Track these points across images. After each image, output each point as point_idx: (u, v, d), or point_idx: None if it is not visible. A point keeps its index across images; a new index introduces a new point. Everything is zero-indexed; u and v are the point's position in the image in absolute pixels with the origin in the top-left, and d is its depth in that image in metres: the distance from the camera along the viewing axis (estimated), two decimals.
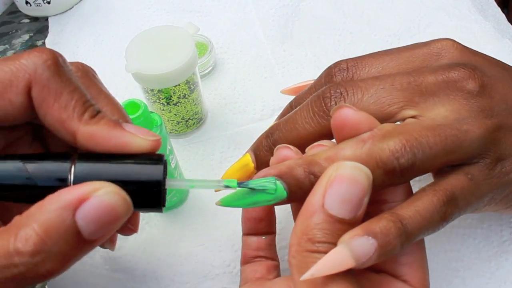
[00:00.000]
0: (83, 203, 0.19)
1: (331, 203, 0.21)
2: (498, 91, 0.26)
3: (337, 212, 0.21)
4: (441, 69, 0.26)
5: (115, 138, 0.22)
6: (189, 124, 0.42)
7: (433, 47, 0.28)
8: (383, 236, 0.21)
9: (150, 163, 0.22)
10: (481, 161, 0.24)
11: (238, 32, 0.52)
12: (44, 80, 0.21)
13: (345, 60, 0.28)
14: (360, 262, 0.20)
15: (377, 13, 0.52)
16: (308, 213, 0.21)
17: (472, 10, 0.51)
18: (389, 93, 0.25)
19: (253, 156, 0.28)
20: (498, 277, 0.33)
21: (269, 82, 0.47)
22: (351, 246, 0.20)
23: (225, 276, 0.34)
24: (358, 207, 0.21)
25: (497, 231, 0.35)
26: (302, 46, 0.50)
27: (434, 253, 0.34)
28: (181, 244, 0.36)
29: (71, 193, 0.20)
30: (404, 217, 0.22)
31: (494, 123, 0.24)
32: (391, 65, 0.27)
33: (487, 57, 0.28)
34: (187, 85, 0.39)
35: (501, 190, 0.25)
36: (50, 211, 0.19)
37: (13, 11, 0.59)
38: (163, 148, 0.33)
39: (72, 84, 0.22)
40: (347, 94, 0.25)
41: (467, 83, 0.25)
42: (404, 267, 0.23)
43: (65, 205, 0.19)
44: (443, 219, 0.23)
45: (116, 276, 0.35)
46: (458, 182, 0.24)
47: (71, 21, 0.56)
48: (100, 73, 0.49)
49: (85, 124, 0.22)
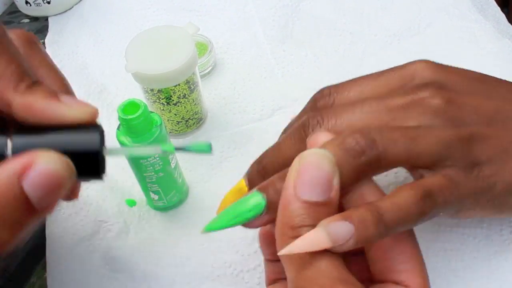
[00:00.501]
0: (28, 171, 0.20)
1: (302, 190, 0.23)
2: (469, 104, 0.27)
3: (309, 197, 0.23)
4: (410, 90, 0.28)
5: (51, 109, 0.22)
6: (189, 124, 0.42)
7: (408, 69, 0.30)
8: (360, 222, 0.22)
9: (87, 132, 0.22)
10: (456, 164, 0.26)
11: (238, 32, 0.52)
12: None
13: (328, 86, 0.31)
14: (337, 243, 0.22)
15: (377, 13, 0.52)
16: (284, 205, 0.23)
17: (472, 10, 0.51)
18: (360, 117, 0.27)
19: (246, 180, 0.30)
20: (498, 276, 0.33)
21: (269, 82, 0.47)
22: (328, 228, 0.22)
23: (226, 278, 0.34)
24: (328, 188, 0.23)
25: (497, 230, 0.35)
26: (302, 46, 0.50)
27: (434, 252, 0.34)
28: (181, 244, 0.36)
29: (15, 162, 0.20)
30: (381, 207, 0.23)
31: (464, 131, 0.26)
32: (368, 88, 0.30)
33: (464, 72, 0.30)
34: (187, 85, 0.39)
35: (482, 194, 0.26)
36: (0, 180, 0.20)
37: (13, 11, 0.59)
38: None
39: (8, 53, 0.22)
40: (323, 121, 0.28)
41: (433, 100, 0.27)
42: (403, 274, 0.24)
43: (12, 173, 0.20)
44: (421, 213, 0.24)
45: (116, 276, 0.35)
46: (436, 180, 0.25)
47: (71, 21, 0.56)
48: (100, 73, 0.49)
49: (21, 94, 0.22)
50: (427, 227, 0.35)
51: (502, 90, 0.29)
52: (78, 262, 0.36)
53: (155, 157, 0.33)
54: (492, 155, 0.27)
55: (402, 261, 0.24)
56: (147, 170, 0.33)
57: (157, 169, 0.34)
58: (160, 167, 0.34)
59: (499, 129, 0.27)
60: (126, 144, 0.32)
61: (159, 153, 0.24)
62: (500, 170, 0.27)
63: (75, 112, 0.22)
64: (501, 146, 0.27)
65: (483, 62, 0.46)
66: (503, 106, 0.28)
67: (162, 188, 0.36)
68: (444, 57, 0.47)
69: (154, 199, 0.37)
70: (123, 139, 0.32)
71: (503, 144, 0.27)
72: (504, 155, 0.27)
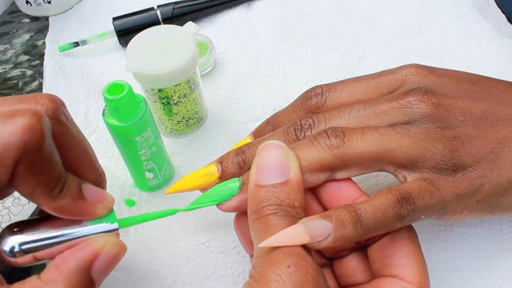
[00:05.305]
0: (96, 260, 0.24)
1: (260, 177, 0.25)
2: (457, 106, 0.28)
3: (268, 181, 0.25)
4: (398, 95, 0.29)
5: (77, 209, 0.25)
6: (190, 123, 0.42)
7: (398, 74, 0.30)
8: (337, 221, 0.24)
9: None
10: (439, 168, 0.26)
11: (238, 31, 0.52)
12: (30, 159, 0.22)
13: (320, 85, 0.32)
14: (315, 239, 0.23)
15: (377, 13, 0.52)
16: (250, 194, 0.25)
17: (473, 10, 0.51)
18: (347, 121, 0.28)
19: (219, 167, 0.30)
20: (498, 276, 0.33)
21: (269, 81, 0.47)
22: (307, 224, 0.23)
23: (227, 278, 0.34)
24: (285, 169, 0.25)
25: (497, 230, 0.35)
26: (303, 45, 0.50)
27: (434, 252, 0.34)
28: (182, 244, 0.36)
29: (85, 253, 0.24)
30: (359, 208, 0.24)
31: (449, 133, 0.27)
32: (360, 91, 0.31)
33: (455, 74, 0.30)
34: (188, 84, 0.39)
35: (469, 196, 0.27)
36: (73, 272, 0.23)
37: (13, 10, 0.59)
38: (144, 127, 0.34)
39: (52, 162, 0.24)
40: (314, 125, 0.29)
41: (420, 105, 0.27)
42: (400, 268, 0.25)
43: (84, 264, 0.23)
44: (398, 216, 0.25)
45: (118, 276, 0.35)
46: (415, 184, 0.26)
47: (72, 20, 0.56)
48: (100, 73, 0.49)
49: (53, 199, 0.24)
50: (427, 227, 0.35)
51: (493, 91, 0.29)
52: None
53: (147, 131, 0.34)
54: (477, 157, 0.27)
55: (399, 257, 0.25)
56: (142, 147, 0.34)
57: (150, 144, 0.35)
58: (153, 141, 0.35)
59: (487, 130, 0.27)
60: (114, 125, 0.32)
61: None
62: (487, 172, 0.27)
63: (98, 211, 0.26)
64: (488, 147, 0.27)
65: (483, 62, 0.46)
66: (493, 108, 0.28)
67: (156, 163, 0.37)
68: (444, 57, 0.48)
69: (149, 179, 0.37)
70: (110, 121, 0.33)
71: (490, 145, 0.27)
72: (492, 156, 0.27)
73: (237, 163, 0.29)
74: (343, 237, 0.24)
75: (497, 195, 0.27)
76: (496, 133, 0.27)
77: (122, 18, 0.51)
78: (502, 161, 0.27)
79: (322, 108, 0.31)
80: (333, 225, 0.23)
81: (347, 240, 0.24)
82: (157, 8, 0.51)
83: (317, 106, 0.31)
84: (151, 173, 0.37)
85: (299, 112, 0.31)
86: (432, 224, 0.35)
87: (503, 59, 0.46)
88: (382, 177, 0.38)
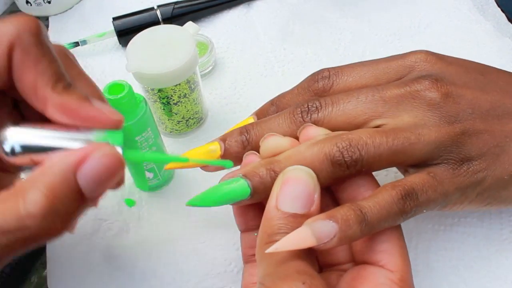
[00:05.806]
0: (83, 164, 0.21)
1: (283, 202, 0.24)
2: (465, 97, 0.27)
3: (289, 209, 0.24)
4: (407, 82, 0.28)
5: (84, 111, 0.23)
6: (190, 123, 0.42)
7: (408, 60, 0.30)
8: (343, 221, 0.23)
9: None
10: (444, 162, 0.26)
11: (238, 31, 0.52)
12: (26, 45, 0.22)
13: (328, 68, 0.31)
14: (321, 241, 0.23)
15: (377, 13, 0.52)
16: (265, 215, 0.25)
17: (472, 10, 0.51)
18: (355, 106, 0.28)
19: (222, 144, 0.29)
20: (499, 275, 0.33)
21: (269, 80, 0.47)
22: (313, 226, 0.23)
23: (226, 275, 0.34)
24: (308, 202, 0.24)
25: (497, 229, 0.35)
26: (303, 44, 0.50)
27: (434, 251, 0.34)
28: (181, 242, 0.36)
29: (72, 156, 0.21)
30: (363, 206, 0.24)
31: (458, 127, 0.26)
32: (368, 75, 0.30)
33: (465, 63, 0.30)
34: (188, 84, 0.39)
35: (471, 188, 0.27)
36: (55, 174, 0.21)
37: (13, 10, 0.59)
38: (144, 127, 0.34)
39: (51, 55, 0.23)
40: (321, 107, 0.28)
41: (429, 93, 0.27)
42: (380, 254, 0.25)
43: (68, 167, 0.21)
44: (402, 212, 0.25)
45: (117, 274, 0.35)
46: (419, 179, 0.26)
47: (72, 20, 0.56)
48: (100, 73, 0.49)
49: (58, 93, 0.23)
50: (427, 227, 0.35)
51: (501, 83, 0.29)
52: (79, 260, 0.36)
53: (147, 131, 0.34)
54: (483, 150, 0.27)
55: (382, 241, 0.25)
56: (142, 147, 0.35)
57: (150, 144, 0.35)
58: (153, 141, 0.35)
59: (494, 123, 0.27)
60: None
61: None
62: (491, 165, 0.27)
63: (105, 117, 0.23)
64: (494, 141, 0.27)
65: (483, 62, 0.46)
66: (500, 100, 0.28)
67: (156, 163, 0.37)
68: None
69: (149, 179, 0.37)
70: None
71: (496, 139, 0.27)
72: (497, 150, 0.27)
73: (241, 142, 0.29)
74: (348, 237, 0.23)
75: (498, 188, 0.27)
76: (503, 126, 0.27)
77: (122, 18, 0.51)
78: (506, 155, 0.27)
79: (329, 91, 0.30)
80: (338, 226, 0.23)
81: (352, 240, 0.24)
82: (157, 8, 0.51)
83: (324, 90, 0.30)
84: (151, 173, 0.37)
85: (305, 94, 0.31)
86: (432, 224, 0.35)
87: (503, 59, 0.46)
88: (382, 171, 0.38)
